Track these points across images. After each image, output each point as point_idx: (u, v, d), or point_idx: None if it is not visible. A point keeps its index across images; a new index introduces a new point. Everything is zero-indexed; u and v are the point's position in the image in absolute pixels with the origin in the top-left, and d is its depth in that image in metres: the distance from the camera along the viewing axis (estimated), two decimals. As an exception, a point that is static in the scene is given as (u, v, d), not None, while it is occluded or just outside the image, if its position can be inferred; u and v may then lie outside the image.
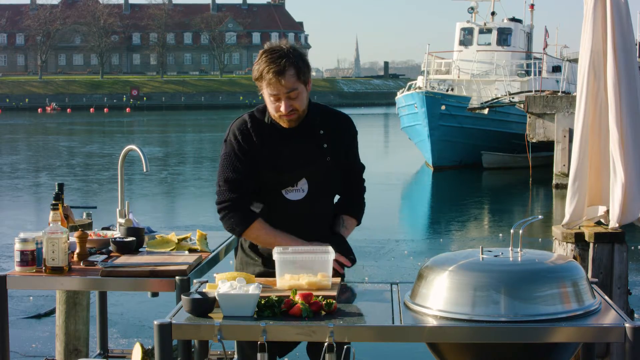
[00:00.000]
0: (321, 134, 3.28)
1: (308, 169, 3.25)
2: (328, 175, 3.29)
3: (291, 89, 3.15)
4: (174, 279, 3.24)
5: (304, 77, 3.19)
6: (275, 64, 3.13)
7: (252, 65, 3.26)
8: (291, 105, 3.17)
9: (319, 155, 3.26)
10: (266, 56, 3.17)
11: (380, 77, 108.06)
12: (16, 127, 49.66)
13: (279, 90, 3.14)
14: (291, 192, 3.27)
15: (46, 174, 22.36)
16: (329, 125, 3.31)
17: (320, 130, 3.28)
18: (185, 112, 72.83)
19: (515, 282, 2.60)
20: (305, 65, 3.20)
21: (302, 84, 3.19)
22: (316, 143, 3.27)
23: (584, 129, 4.60)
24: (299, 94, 3.18)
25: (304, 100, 3.21)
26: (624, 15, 4.53)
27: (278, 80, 3.12)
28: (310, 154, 3.25)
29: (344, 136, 3.35)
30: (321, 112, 3.33)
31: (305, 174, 3.25)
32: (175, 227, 12.01)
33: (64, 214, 3.94)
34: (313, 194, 3.26)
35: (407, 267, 10.11)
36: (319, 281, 2.88)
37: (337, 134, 3.32)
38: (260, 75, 3.16)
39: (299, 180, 3.26)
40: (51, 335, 6.19)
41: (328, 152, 3.27)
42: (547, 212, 15.57)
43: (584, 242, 4.75)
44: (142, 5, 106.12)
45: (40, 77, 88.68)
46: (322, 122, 3.30)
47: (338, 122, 3.35)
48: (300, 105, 3.19)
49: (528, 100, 18.75)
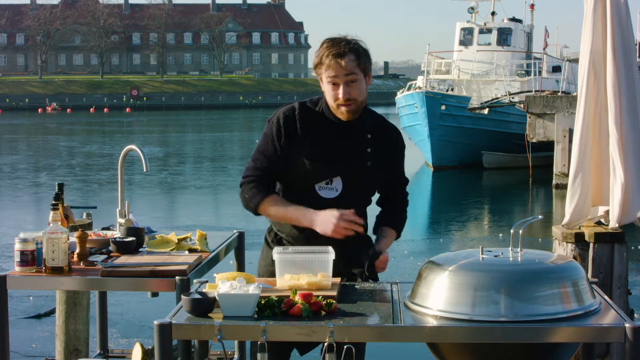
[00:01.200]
0: (368, 137, 3.24)
1: (345, 167, 3.20)
2: (365, 180, 3.24)
3: (350, 72, 3.12)
4: (174, 279, 3.24)
5: (364, 66, 3.16)
6: (336, 47, 3.14)
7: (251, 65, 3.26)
8: (349, 92, 3.14)
9: (360, 157, 3.23)
10: (328, 42, 3.18)
11: (380, 77, 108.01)
12: (16, 127, 49.67)
13: (337, 72, 3.12)
14: (324, 189, 3.22)
15: (46, 174, 22.36)
16: (378, 133, 3.28)
17: (368, 134, 3.25)
18: (185, 112, 72.84)
19: (515, 282, 2.60)
20: (366, 54, 3.18)
21: (362, 73, 3.16)
22: (360, 144, 3.23)
23: (584, 129, 4.60)
24: (358, 81, 3.15)
25: (362, 91, 3.17)
26: (623, 16, 4.53)
27: (337, 62, 3.11)
28: (351, 153, 3.22)
29: (390, 147, 3.31)
30: (373, 117, 3.32)
31: (341, 171, 3.20)
32: (175, 227, 12.01)
33: (64, 214, 3.94)
34: (346, 195, 3.21)
35: (407, 267, 10.11)
36: (319, 281, 2.88)
37: (384, 143, 3.28)
38: (320, 60, 3.15)
39: (333, 177, 3.21)
40: (51, 335, 6.19)
41: (370, 157, 3.23)
42: (547, 212, 15.58)
43: (584, 242, 4.75)
44: (142, 5, 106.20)
45: (40, 77, 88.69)
46: (372, 127, 3.27)
47: (388, 132, 3.33)
48: (359, 95, 3.16)
49: (528, 100, 18.76)
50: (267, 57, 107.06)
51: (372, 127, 3.27)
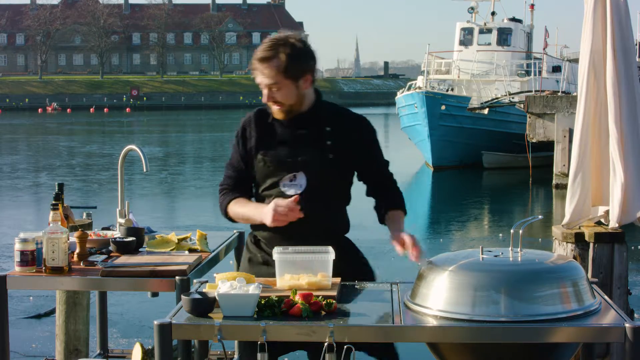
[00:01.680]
0: (327, 130, 3.22)
1: (305, 162, 3.19)
2: (328, 173, 3.21)
3: (272, 82, 3.11)
4: (174, 279, 3.24)
5: (290, 74, 3.10)
6: (262, 51, 3.12)
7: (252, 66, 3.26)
8: (273, 97, 3.15)
9: (320, 149, 3.20)
10: (263, 43, 3.16)
11: (380, 77, 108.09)
12: (16, 127, 49.67)
13: (261, 79, 3.14)
14: (289, 186, 3.21)
15: (46, 174, 22.36)
16: (339, 124, 3.25)
17: (326, 126, 3.23)
18: (185, 112, 72.83)
19: (515, 282, 2.60)
20: (296, 60, 3.10)
21: (289, 80, 3.11)
22: (319, 138, 3.21)
23: (584, 129, 4.60)
24: (280, 88, 3.12)
25: (289, 96, 3.15)
26: (623, 16, 4.53)
27: (259, 67, 3.11)
28: (311, 147, 3.20)
29: (355, 136, 3.25)
30: (333, 111, 3.30)
31: (303, 165, 3.19)
32: (175, 227, 12.00)
33: (64, 214, 3.94)
34: (311, 190, 3.19)
35: (407, 267, 10.08)
36: (319, 281, 2.88)
37: (346, 134, 3.24)
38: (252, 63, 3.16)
39: (296, 172, 3.20)
40: (51, 335, 6.18)
41: (331, 149, 3.20)
42: (547, 212, 15.57)
43: (584, 242, 4.75)
44: (142, 5, 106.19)
45: (40, 77, 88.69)
46: (331, 120, 3.25)
47: (349, 122, 3.28)
48: (285, 99, 3.16)
49: (528, 100, 18.75)
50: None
51: (330, 119, 3.25)
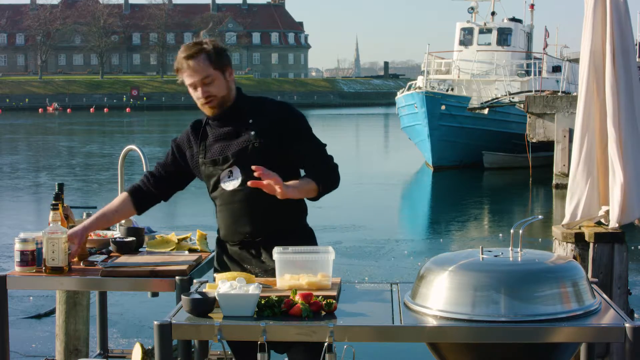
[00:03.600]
0: (250, 122, 3.32)
1: (234, 154, 3.28)
2: (260, 162, 3.19)
3: (205, 75, 3.25)
4: (174, 279, 3.24)
5: (218, 64, 3.28)
6: (187, 50, 3.28)
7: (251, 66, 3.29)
8: (207, 91, 3.27)
9: (246, 140, 3.29)
10: (182, 47, 3.32)
11: (380, 77, 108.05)
12: (16, 127, 49.67)
13: (193, 78, 3.26)
14: (228, 181, 3.32)
15: (46, 174, 22.36)
16: (260, 114, 3.34)
17: (249, 118, 3.32)
18: (185, 112, 72.81)
19: (515, 282, 2.60)
20: (218, 53, 3.29)
21: (218, 71, 3.27)
22: (243, 130, 3.31)
23: (584, 129, 4.60)
24: (213, 80, 3.26)
25: (221, 87, 3.30)
26: (623, 16, 4.53)
27: (190, 66, 3.25)
28: (237, 139, 3.31)
29: (277, 123, 3.31)
30: (253, 101, 3.41)
31: (234, 159, 3.28)
32: (175, 227, 12.01)
33: (64, 214, 3.94)
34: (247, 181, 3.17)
35: (407, 267, 10.12)
36: (319, 281, 2.88)
37: (269, 122, 3.31)
38: (179, 65, 3.29)
39: (231, 168, 3.30)
40: (51, 335, 6.19)
41: (256, 138, 3.27)
42: (547, 212, 15.57)
43: (584, 242, 4.75)
44: (142, 5, 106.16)
45: (40, 77, 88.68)
46: (252, 110, 3.35)
47: (269, 110, 3.36)
48: (218, 91, 3.29)
49: (528, 100, 18.75)
50: (267, 57, 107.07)
51: (251, 110, 3.36)
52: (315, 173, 3.30)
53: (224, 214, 3.34)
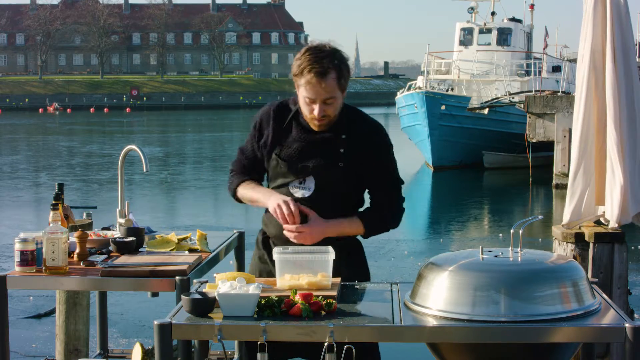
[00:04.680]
0: (342, 137, 3.19)
1: (316, 167, 3.18)
2: (339, 180, 3.18)
3: (329, 96, 3.08)
4: (174, 279, 3.24)
5: (344, 84, 3.11)
6: (319, 64, 3.04)
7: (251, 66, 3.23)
8: (324, 110, 3.11)
9: (332, 157, 3.18)
10: (310, 54, 3.08)
11: (380, 77, 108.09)
12: (16, 127, 49.67)
13: (316, 95, 3.07)
14: (298, 188, 3.21)
15: (46, 174, 22.36)
16: (355, 132, 3.21)
17: (342, 134, 3.19)
18: (185, 112, 72.84)
19: (515, 282, 2.60)
20: (347, 71, 3.12)
21: (340, 91, 3.11)
22: (333, 145, 3.18)
23: (584, 129, 4.60)
24: (335, 100, 3.11)
25: (337, 107, 3.15)
26: (623, 15, 4.53)
27: (318, 82, 3.04)
28: (323, 153, 3.18)
29: (367, 145, 3.21)
30: (351, 116, 3.24)
31: (313, 171, 3.18)
32: (175, 227, 12.01)
33: (64, 214, 3.94)
34: (318, 195, 3.17)
35: (407, 267, 10.12)
36: (319, 281, 2.88)
37: (360, 143, 3.20)
38: (301, 73, 3.08)
39: (306, 176, 3.20)
40: (51, 335, 6.19)
41: (343, 157, 3.18)
42: (547, 212, 15.57)
43: (584, 242, 4.75)
44: (142, 5, 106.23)
45: (40, 77, 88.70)
46: (348, 126, 3.21)
47: (364, 131, 3.23)
48: (334, 111, 3.14)
49: (528, 100, 18.76)
50: (267, 57, 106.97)
51: (348, 126, 3.22)
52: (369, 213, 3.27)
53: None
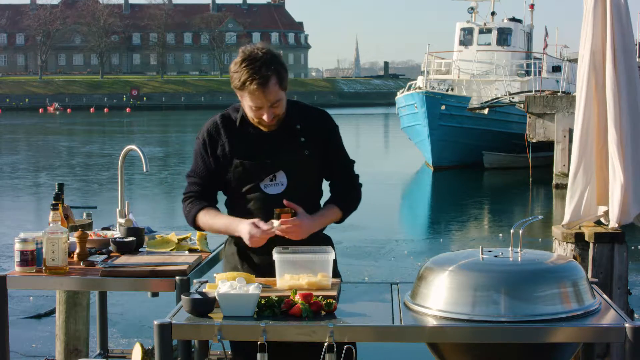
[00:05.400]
0: (297, 128, 3.27)
1: (285, 160, 3.22)
2: (307, 169, 3.25)
3: (275, 100, 3.13)
4: (174, 279, 3.24)
5: (285, 84, 3.16)
6: (259, 74, 3.07)
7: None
8: (273, 112, 3.17)
9: (296, 147, 3.24)
10: (247, 65, 3.09)
11: (380, 77, 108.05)
12: (16, 127, 49.67)
13: (262, 103, 3.12)
14: (270, 185, 3.24)
15: (46, 174, 22.36)
16: (306, 121, 3.30)
17: (297, 125, 3.27)
18: (185, 112, 72.83)
19: (515, 282, 2.60)
20: (285, 71, 3.18)
21: (283, 91, 3.17)
22: (292, 137, 3.25)
23: (584, 129, 4.60)
24: (281, 101, 3.18)
25: (284, 105, 3.21)
26: (623, 15, 4.53)
27: (262, 92, 3.08)
28: (286, 146, 3.24)
29: (321, 131, 3.31)
30: (298, 108, 3.33)
31: (283, 165, 3.22)
32: (175, 227, 12.00)
33: (64, 214, 3.94)
34: (292, 188, 3.22)
35: (407, 267, 10.11)
36: (319, 281, 2.88)
37: (314, 129, 3.29)
38: (243, 85, 3.09)
39: (276, 172, 3.23)
40: (51, 335, 6.18)
41: (305, 145, 3.25)
42: (547, 212, 15.57)
43: (584, 242, 4.75)
44: (142, 5, 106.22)
45: (40, 77, 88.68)
46: (299, 117, 3.29)
47: (315, 118, 3.33)
48: (281, 110, 3.20)
49: (528, 100, 18.75)
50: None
51: (299, 117, 3.29)
52: (341, 198, 3.34)
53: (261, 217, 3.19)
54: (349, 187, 3.39)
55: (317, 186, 3.35)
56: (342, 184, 3.38)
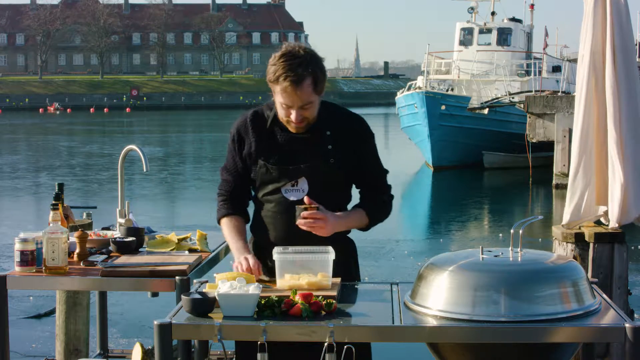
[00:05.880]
0: (327, 134, 3.18)
1: (307, 167, 3.17)
2: (331, 177, 3.19)
3: (306, 102, 3.07)
4: (174, 279, 3.24)
5: (320, 88, 3.09)
6: (294, 72, 3.02)
7: (251, 66, 3.20)
8: (302, 114, 3.10)
9: (321, 155, 3.17)
10: (284, 60, 3.05)
11: (380, 77, 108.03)
12: (16, 127, 49.67)
13: (293, 102, 3.06)
14: (291, 191, 3.19)
15: (46, 174, 22.36)
16: (337, 127, 3.21)
17: (327, 131, 3.18)
18: (185, 112, 72.83)
19: (515, 282, 2.60)
20: (323, 74, 3.10)
21: (317, 95, 3.10)
22: (320, 143, 3.18)
23: (584, 129, 4.60)
24: (312, 105, 3.10)
25: (315, 110, 3.13)
26: (623, 15, 4.53)
27: (294, 90, 3.02)
28: (312, 152, 3.17)
29: (353, 137, 3.22)
30: (331, 112, 3.23)
31: (305, 172, 3.17)
32: (175, 227, 12.01)
33: (64, 214, 3.94)
34: (313, 195, 3.15)
35: (407, 267, 10.12)
36: (319, 281, 2.88)
37: (345, 136, 3.20)
38: (277, 80, 3.05)
39: (298, 178, 3.18)
40: (51, 335, 6.19)
41: (332, 153, 3.17)
42: (547, 212, 15.57)
43: (584, 242, 4.75)
44: (142, 5, 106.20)
45: (40, 77, 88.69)
46: (330, 123, 3.20)
47: (347, 124, 3.24)
48: (311, 114, 3.13)
49: (528, 100, 18.75)
50: (268, 57, 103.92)
51: (331, 122, 3.21)
52: (369, 204, 3.28)
53: (278, 221, 3.20)
54: (379, 195, 3.31)
55: (342, 195, 3.28)
56: (371, 193, 3.31)
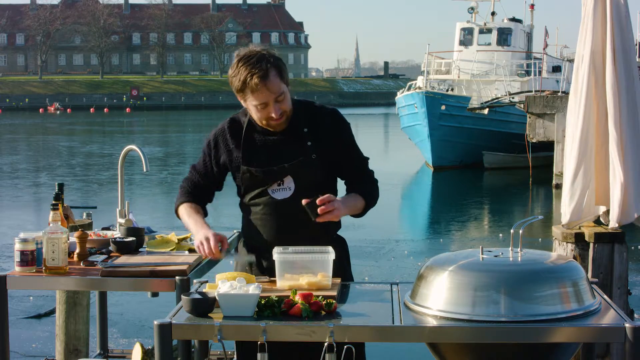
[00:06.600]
0: (305, 131, 3.22)
1: (291, 166, 3.20)
2: (315, 173, 3.22)
3: (279, 93, 3.10)
4: (174, 279, 3.24)
5: (286, 77, 3.14)
6: (257, 68, 3.05)
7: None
8: (280, 107, 3.13)
9: (303, 152, 3.21)
10: (244, 63, 3.08)
11: (380, 77, 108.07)
12: (16, 127, 49.67)
13: (267, 97, 3.08)
14: (277, 191, 3.23)
15: (46, 174, 22.36)
16: (314, 122, 3.25)
17: (304, 128, 3.23)
18: (185, 112, 72.84)
19: (515, 282, 2.60)
20: (283, 64, 3.16)
21: (285, 85, 3.14)
22: (299, 140, 3.22)
23: (584, 129, 4.60)
24: (285, 95, 3.14)
25: (289, 102, 3.18)
26: (623, 16, 4.52)
27: (264, 85, 3.05)
28: (293, 151, 3.21)
29: (330, 131, 3.27)
30: (305, 109, 3.28)
31: (290, 170, 3.20)
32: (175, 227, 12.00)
33: (64, 214, 3.94)
34: (300, 192, 3.18)
35: (407, 267, 10.11)
36: (319, 281, 2.88)
37: (323, 131, 3.25)
38: (244, 83, 3.07)
39: (284, 178, 3.22)
40: (51, 335, 6.19)
41: (313, 149, 3.22)
42: (547, 212, 15.57)
43: (584, 242, 4.75)
44: (142, 5, 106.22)
45: (40, 77, 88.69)
46: (306, 119, 3.25)
47: (323, 118, 3.28)
48: (287, 106, 3.17)
49: (528, 100, 18.76)
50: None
51: (306, 119, 3.25)
52: (362, 190, 3.31)
53: (268, 222, 3.23)
54: (367, 183, 3.36)
55: (328, 188, 3.29)
56: (358, 182, 3.35)
